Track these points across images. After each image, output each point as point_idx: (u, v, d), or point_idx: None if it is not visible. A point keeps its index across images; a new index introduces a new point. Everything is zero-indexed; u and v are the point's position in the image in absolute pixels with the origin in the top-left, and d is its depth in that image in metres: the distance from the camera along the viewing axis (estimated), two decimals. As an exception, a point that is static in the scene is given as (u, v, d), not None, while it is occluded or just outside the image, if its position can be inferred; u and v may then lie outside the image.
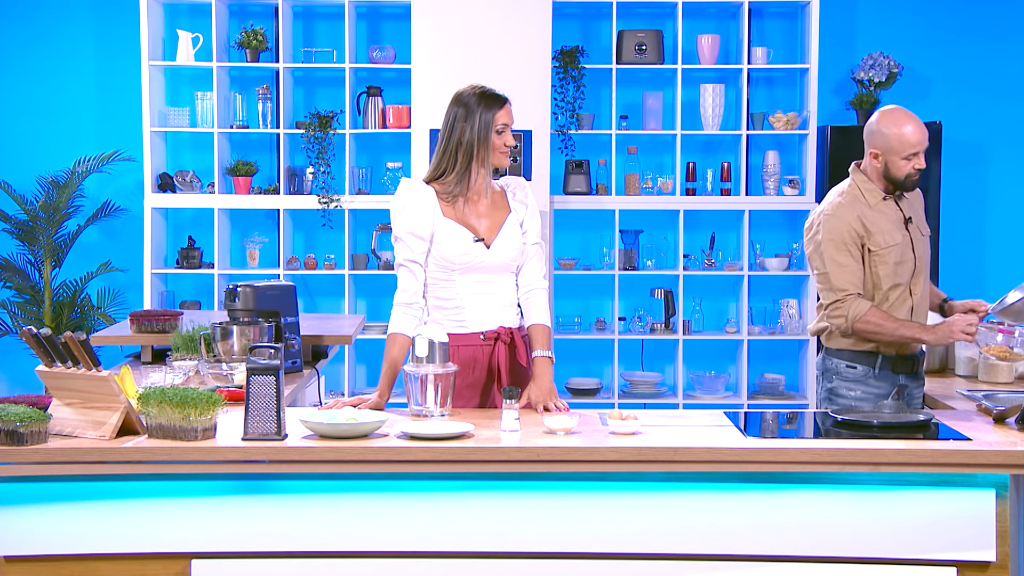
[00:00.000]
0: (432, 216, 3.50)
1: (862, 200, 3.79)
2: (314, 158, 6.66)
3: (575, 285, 6.92)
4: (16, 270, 6.71)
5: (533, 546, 3.03)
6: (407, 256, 3.52)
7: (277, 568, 3.04)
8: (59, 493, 3.03)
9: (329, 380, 6.44)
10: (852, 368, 3.84)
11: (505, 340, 3.54)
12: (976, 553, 3.00)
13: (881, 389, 3.83)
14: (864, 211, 3.77)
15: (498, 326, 3.55)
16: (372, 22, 6.95)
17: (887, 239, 3.75)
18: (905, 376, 3.80)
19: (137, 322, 4.61)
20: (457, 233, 3.51)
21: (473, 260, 3.52)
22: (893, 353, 3.79)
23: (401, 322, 3.50)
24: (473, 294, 3.54)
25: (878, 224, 3.76)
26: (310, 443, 3.03)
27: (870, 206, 3.78)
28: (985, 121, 6.95)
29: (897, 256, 3.76)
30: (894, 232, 3.77)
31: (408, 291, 3.52)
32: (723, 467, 3.01)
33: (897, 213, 3.81)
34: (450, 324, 3.53)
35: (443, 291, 3.55)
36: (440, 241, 3.50)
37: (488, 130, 3.49)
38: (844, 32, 6.94)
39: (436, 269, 3.54)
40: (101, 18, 6.90)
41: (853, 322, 3.70)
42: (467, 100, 3.52)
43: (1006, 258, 7.00)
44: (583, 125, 6.71)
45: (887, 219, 3.78)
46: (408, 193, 3.54)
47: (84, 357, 3.04)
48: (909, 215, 3.82)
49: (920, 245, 3.83)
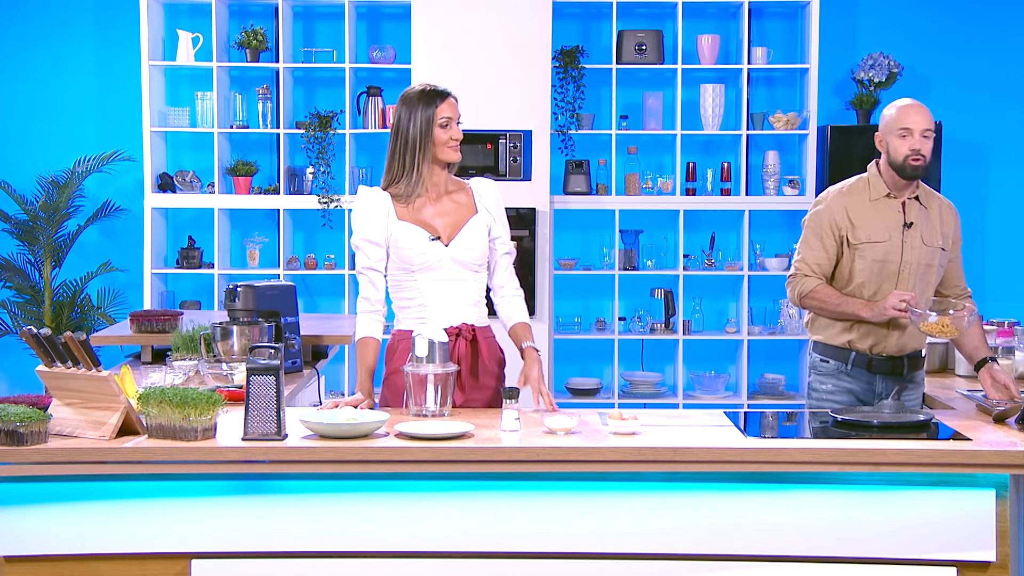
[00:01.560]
0: (387, 221, 3.54)
1: (863, 193, 3.82)
2: (314, 158, 6.66)
3: (575, 285, 6.92)
4: (16, 270, 6.71)
5: (533, 546, 3.03)
6: (365, 264, 3.57)
7: (277, 568, 3.04)
8: (59, 493, 3.03)
9: (329, 380, 6.44)
10: (825, 362, 3.88)
11: (467, 336, 3.55)
12: (976, 553, 3.00)
13: (854, 386, 3.84)
14: (857, 204, 3.79)
15: (460, 322, 3.55)
16: (372, 22, 6.95)
17: (870, 234, 3.77)
18: (884, 377, 3.80)
19: (137, 322, 4.61)
20: (413, 234, 3.53)
21: (431, 259, 3.54)
22: (868, 351, 3.80)
23: (368, 326, 3.55)
24: (435, 292, 3.56)
25: (866, 218, 3.78)
26: (310, 443, 3.03)
27: (869, 200, 3.80)
28: (985, 121, 6.95)
29: (878, 254, 3.76)
30: (882, 230, 3.77)
31: (371, 298, 3.57)
32: (723, 467, 3.01)
33: (897, 214, 3.80)
34: (411, 322, 3.56)
35: (406, 291, 3.58)
36: (397, 244, 3.54)
37: (430, 125, 3.50)
38: (844, 32, 6.94)
39: (397, 271, 3.57)
40: (101, 18, 6.90)
41: (801, 297, 3.81)
42: (410, 99, 3.54)
43: (1006, 258, 7.00)
44: (583, 125, 6.71)
45: (880, 216, 3.78)
46: (363, 201, 3.58)
47: (84, 357, 3.04)
48: (912, 221, 3.79)
49: (915, 252, 3.78)
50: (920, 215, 3.82)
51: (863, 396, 3.83)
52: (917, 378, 3.89)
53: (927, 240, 3.80)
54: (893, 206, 3.81)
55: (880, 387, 3.81)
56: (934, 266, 3.82)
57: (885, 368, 3.80)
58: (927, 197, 3.87)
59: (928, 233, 3.81)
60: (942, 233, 3.84)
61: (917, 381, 3.90)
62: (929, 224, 3.82)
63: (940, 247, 3.82)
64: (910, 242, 3.78)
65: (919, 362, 3.89)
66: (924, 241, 3.80)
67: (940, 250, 3.82)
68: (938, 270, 3.84)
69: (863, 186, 3.84)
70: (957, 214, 3.93)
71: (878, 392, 3.81)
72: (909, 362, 3.83)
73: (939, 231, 3.83)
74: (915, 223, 3.80)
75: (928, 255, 3.80)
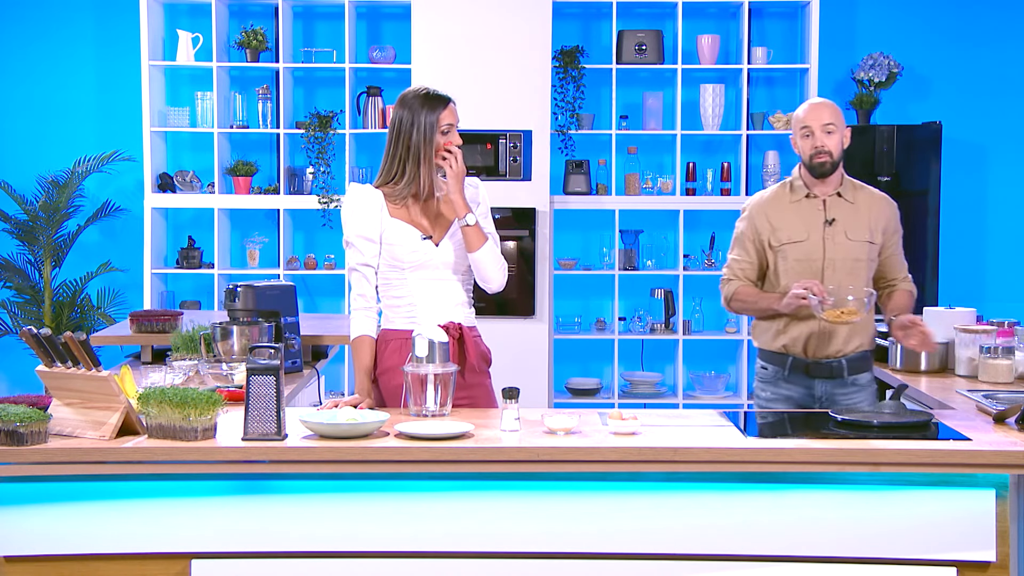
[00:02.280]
0: (380, 217, 3.54)
1: (784, 196, 3.89)
2: (314, 158, 6.66)
3: (575, 285, 6.92)
4: (16, 270, 6.71)
5: (533, 546, 3.03)
6: (359, 260, 3.57)
7: (277, 568, 3.04)
8: (59, 493, 3.02)
9: (329, 380, 6.44)
10: (765, 369, 3.92)
11: (454, 335, 3.55)
12: (976, 553, 3.00)
13: (793, 393, 3.85)
14: (777, 207, 3.87)
15: (448, 321, 3.56)
16: (372, 22, 6.95)
17: (790, 235, 3.82)
18: (823, 381, 3.81)
19: (137, 322, 4.61)
20: (405, 232, 3.54)
21: (422, 258, 3.54)
22: (803, 354, 3.81)
23: (363, 325, 3.57)
24: (424, 292, 3.57)
25: (786, 220, 3.84)
26: (310, 443, 3.02)
27: (790, 202, 3.87)
28: (985, 121, 6.95)
29: (800, 253, 3.80)
30: (802, 229, 3.81)
31: (365, 295, 3.59)
32: (723, 467, 3.01)
33: (817, 213, 3.83)
34: (401, 321, 3.57)
35: (395, 290, 3.59)
36: (389, 241, 3.54)
37: (432, 131, 3.50)
38: (844, 32, 6.94)
39: (387, 269, 3.58)
40: (101, 18, 6.90)
41: (727, 300, 3.91)
42: (411, 103, 3.53)
43: (1006, 258, 7.00)
44: (583, 125, 6.71)
45: (800, 216, 3.83)
46: (355, 198, 3.58)
47: (84, 357, 3.04)
48: (834, 217, 3.81)
49: (839, 249, 3.80)
50: (844, 211, 3.83)
51: (802, 402, 3.84)
52: (861, 381, 3.87)
53: (851, 235, 3.81)
54: (815, 204, 3.84)
55: (820, 392, 3.81)
56: (862, 260, 3.82)
57: (823, 372, 3.81)
58: (854, 192, 3.88)
59: (853, 228, 3.82)
60: (870, 227, 3.84)
61: (861, 384, 3.87)
62: (855, 219, 3.83)
63: (867, 241, 3.83)
64: (832, 238, 3.80)
65: (863, 364, 3.87)
66: (848, 236, 3.81)
67: (868, 244, 3.83)
68: (868, 264, 3.84)
69: (785, 189, 3.91)
70: (893, 206, 3.93)
71: (817, 397, 3.83)
72: (849, 365, 3.82)
73: (867, 225, 3.84)
74: (837, 219, 3.81)
75: (853, 250, 3.81)
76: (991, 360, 4.03)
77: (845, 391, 3.83)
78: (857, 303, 3.65)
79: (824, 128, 3.78)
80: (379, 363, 3.59)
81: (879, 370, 4.41)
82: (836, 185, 3.86)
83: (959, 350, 4.20)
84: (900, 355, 4.29)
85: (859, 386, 3.86)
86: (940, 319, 4.32)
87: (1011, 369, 4.03)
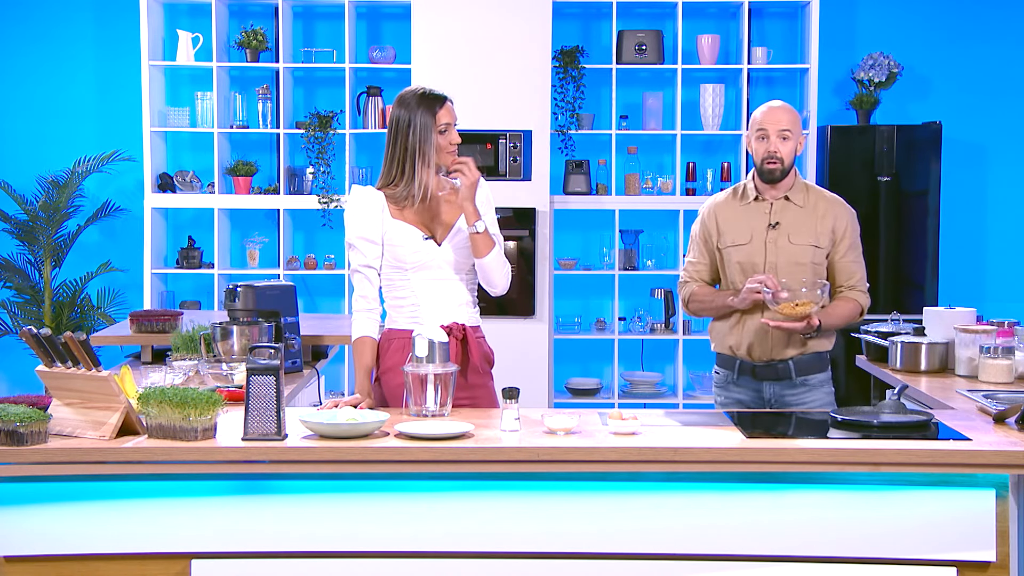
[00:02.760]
0: (381, 218, 3.55)
1: (734, 198, 3.90)
2: (314, 158, 6.66)
3: (575, 285, 6.92)
4: (16, 270, 6.71)
5: (533, 546, 3.03)
6: (361, 262, 3.57)
7: (277, 568, 3.04)
8: (59, 493, 3.02)
9: (329, 380, 6.44)
10: (717, 373, 3.93)
11: (457, 336, 3.55)
12: (976, 553, 3.00)
13: (743, 396, 3.85)
14: (727, 209, 3.89)
15: (451, 321, 3.55)
16: (372, 22, 6.95)
17: (734, 238, 3.84)
18: (771, 383, 3.81)
19: (137, 322, 4.61)
20: (407, 233, 3.54)
21: (424, 258, 3.55)
22: (748, 356, 3.81)
23: (365, 326, 3.57)
24: (427, 292, 3.57)
25: (732, 223, 3.86)
26: (310, 443, 3.02)
27: (739, 205, 3.88)
28: (985, 121, 6.95)
29: (741, 256, 3.82)
30: (745, 232, 3.83)
31: (367, 296, 3.58)
32: (723, 467, 3.01)
33: (762, 216, 3.83)
34: (404, 321, 3.57)
35: (398, 290, 3.59)
36: (391, 242, 3.54)
37: (429, 131, 3.50)
38: (844, 32, 6.94)
39: (390, 270, 3.58)
40: (101, 18, 6.90)
41: (685, 303, 3.96)
42: (408, 103, 3.53)
43: (1006, 258, 7.00)
44: (583, 125, 6.71)
45: (745, 219, 3.84)
46: (357, 200, 3.59)
47: (84, 357, 3.04)
48: (778, 221, 3.81)
49: (781, 252, 3.79)
50: (791, 214, 3.82)
51: (752, 405, 3.84)
52: (812, 381, 3.84)
53: (795, 239, 3.80)
54: (761, 208, 3.85)
55: (768, 394, 3.81)
56: (805, 264, 3.79)
57: (770, 374, 3.81)
58: (806, 195, 3.85)
59: (797, 232, 3.80)
60: (817, 231, 3.80)
61: (812, 384, 3.84)
62: (801, 223, 3.81)
63: (812, 245, 3.80)
64: (774, 242, 3.80)
65: (816, 365, 3.84)
66: (791, 240, 3.80)
67: (812, 248, 3.80)
68: (812, 267, 3.80)
69: (736, 192, 3.91)
70: (848, 211, 3.88)
71: (767, 399, 3.83)
72: (798, 366, 3.80)
73: (813, 229, 3.81)
74: (781, 223, 3.81)
75: (796, 254, 3.79)
76: (991, 360, 4.02)
77: (795, 392, 3.82)
78: (811, 294, 3.66)
79: (780, 133, 3.75)
80: (381, 362, 3.60)
81: (879, 370, 4.42)
82: (786, 189, 3.84)
83: (959, 350, 4.19)
84: (900, 355, 4.29)
85: (810, 387, 3.84)
86: (940, 319, 4.32)
87: (1011, 369, 4.03)
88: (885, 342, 4.41)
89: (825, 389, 3.88)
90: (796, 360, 3.81)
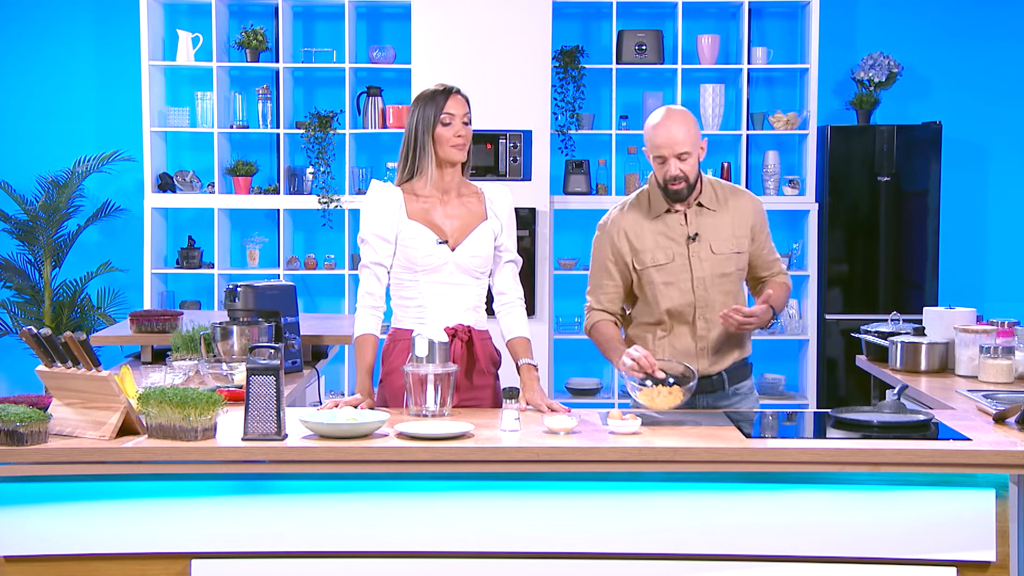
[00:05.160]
0: (397, 217, 3.52)
1: (643, 210, 3.64)
2: (314, 158, 6.66)
3: (575, 285, 6.91)
4: (16, 270, 6.71)
5: (533, 546, 3.03)
6: (372, 259, 3.54)
7: (277, 568, 3.04)
8: (59, 493, 3.02)
9: (329, 380, 6.44)
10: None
11: (463, 337, 3.54)
12: (976, 553, 3.00)
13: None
14: (637, 224, 3.62)
15: (457, 323, 3.55)
16: (372, 22, 6.95)
17: (654, 257, 3.60)
18: (705, 395, 3.63)
19: (137, 322, 4.61)
20: (421, 234, 3.51)
21: (436, 261, 3.52)
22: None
23: (368, 323, 3.53)
24: (435, 294, 3.54)
25: (647, 240, 3.61)
26: (310, 443, 3.02)
27: (649, 218, 3.62)
28: (985, 121, 6.96)
29: (666, 276, 3.60)
30: (665, 249, 3.59)
31: (374, 294, 3.55)
32: (723, 467, 3.01)
33: (680, 227, 3.60)
34: (410, 321, 3.55)
35: (407, 291, 3.57)
36: (404, 242, 3.52)
37: (432, 123, 3.50)
38: (844, 32, 6.94)
39: (400, 270, 3.56)
40: (101, 18, 6.90)
41: (589, 332, 3.72)
42: (418, 97, 3.56)
43: (1006, 258, 7.00)
44: (583, 125, 6.72)
45: (661, 234, 3.60)
46: (375, 196, 3.57)
47: (84, 357, 3.04)
48: (697, 232, 3.59)
49: (705, 265, 3.59)
50: (707, 221, 3.61)
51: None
52: (743, 390, 3.72)
53: (717, 248, 3.60)
54: (676, 219, 3.60)
55: (702, 405, 3.63)
56: (731, 273, 3.62)
57: (704, 387, 3.62)
58: (715, 197, 3.63)
59: (717, 239, 3.60)
60: (735, 234, 3.62)
61: (743, 392, 3.73)
62: (719, 229, 3.61)
63: (734, 252, 3.62)
64: (697, 255, 3.59)
65: (743, 373, 3.73)
66: (713, 250, 3.59)
67: (735, 254, 3.62)
68: (738, 274, 3.65)
69: (643, 202, 3.64)
70: (756, 203, 3.68)
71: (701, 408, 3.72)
72: (729, 376, 3.68)
73: (731, 233, 3.62)
74: (700, 233, 3.59)
75: (720, 264, 3.60)
76: (991, 360, 4.02)
77: (728, 402, 3.70)
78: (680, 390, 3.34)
79: (679, 156, 3.48)
80: (386, 361, 3.59)
81: (879, 370, 4.42)
82: (697, 194, 3.60)
83: (959, 350, 4.19)
84: (900, 355, 4.29)
85: (741, 395, 3.73)
86: (940, 319, 4.32)
87: (1011, 369, 4.03)
88: (885, 342, 4.41)
89: (753, 397, 3.78)
90: (728, 371, 3.68)
